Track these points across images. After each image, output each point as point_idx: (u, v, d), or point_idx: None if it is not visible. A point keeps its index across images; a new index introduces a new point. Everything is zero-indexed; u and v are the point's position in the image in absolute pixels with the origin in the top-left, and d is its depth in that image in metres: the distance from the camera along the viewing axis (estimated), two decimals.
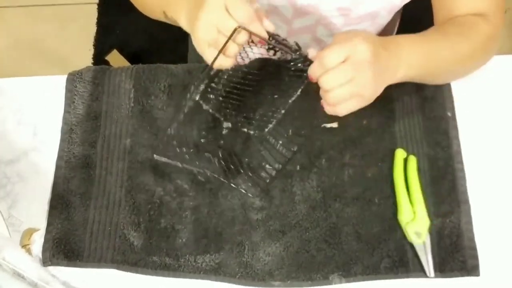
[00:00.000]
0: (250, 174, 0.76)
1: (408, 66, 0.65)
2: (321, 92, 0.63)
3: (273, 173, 0.76)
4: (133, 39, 1.69)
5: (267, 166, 0.77)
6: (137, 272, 0.74)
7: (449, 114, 0.81)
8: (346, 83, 0.59)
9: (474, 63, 0.74)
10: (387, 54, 0.62)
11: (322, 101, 0.65)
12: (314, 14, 0.82)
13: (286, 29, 0.86)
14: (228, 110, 0.80)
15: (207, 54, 0.63)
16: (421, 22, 0.81)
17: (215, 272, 0.73)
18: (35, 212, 0.78)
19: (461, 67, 0.75)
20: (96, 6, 1.84)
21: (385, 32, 0.92)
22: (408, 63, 0.65)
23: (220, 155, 0.78)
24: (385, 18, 0.84)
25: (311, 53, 0.63)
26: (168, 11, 0.71)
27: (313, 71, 0.61)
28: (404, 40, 0.65)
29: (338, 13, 0.81)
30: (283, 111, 0.73)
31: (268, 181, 0.76)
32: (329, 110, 0.64)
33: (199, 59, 1.08)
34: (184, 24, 0.69)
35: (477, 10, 0.73)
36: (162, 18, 0.75)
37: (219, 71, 0.79)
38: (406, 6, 0.86)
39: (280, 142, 0.78)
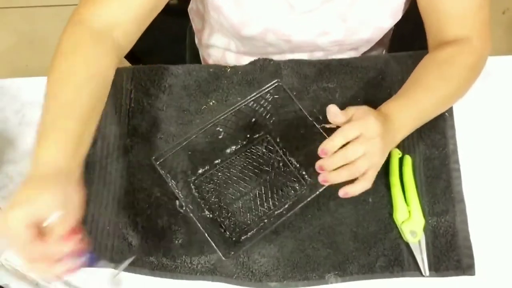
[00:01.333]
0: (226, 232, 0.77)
1: (403, 131, 0.70)
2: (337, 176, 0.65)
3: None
4: None
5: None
6: (134, 272, 0.74)
7: (447, 114, 0.82)
8: (363, 156, 0.63)
9: (462, 94, 0.77)
10: (388, 122, 0.67)
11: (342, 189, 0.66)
12: (309, 47, 0.85)
13: (281, 57, 0.88)
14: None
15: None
16: (419, 25, 0.82)
17: (212, 273, 0.74)
18: None
19: (448, 104, 0.78)
20: None
21: (379, 43, 0.94)
22: (402, 129, 0.70)
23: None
24: (377, 39, 0.87)
25: (333, 109, 0.65)
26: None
27: (335, 142, 0.63)
28: (392, 111, 0.69)
29: (332, 45, 0.84)
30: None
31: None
32: (350, 191, 0.66)
33: (197, 60, 1.10)
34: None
35: (463, 34, 0.75)
36: None
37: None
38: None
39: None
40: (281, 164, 0.80)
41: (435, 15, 0.76)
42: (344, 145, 0.63)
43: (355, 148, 0.63)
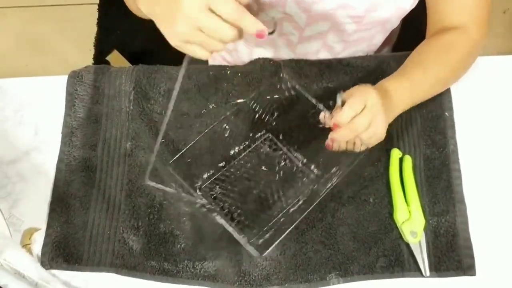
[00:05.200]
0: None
1: (400, 106, 0.75)
2: (346, 136, 0.69)
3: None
4: (134, 40, 1.69)
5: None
6: (135, 276, 0.74)
7: (447, 114, 0.82)
8: (369, 126, 0.68)
9: (456, 78, 0.82)
10: (386, 96, 0.72)
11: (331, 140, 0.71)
12: (326, 22, 0.83)
13: (298, 35, 0.87)
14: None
15: (186, 49, 0.60)
16: (421, 25, 0.82)
17: (213, 279, 0.73)
18: (36, 211, 0.78)
19: (445, 86, 0.81)
20: (96, 7, 1.84)
21: (389, 36, 0.93)
22: (400, 104, 0.74)
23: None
24: (394, 23, 0.86)
25: (341, 97, 0.69)
26: None
27: (345, 115, 0.67)
28: (391, 88, 0.73)
29: (351, 21, 0.82)
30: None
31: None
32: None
33: (199, 60, 1.10)
34: (144, 8, 0.63)
35: (462, 23, 0.78)
36: (138, 12, 0.68)
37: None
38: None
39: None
40: (287, 161, 0.79)
41: (439, 4, 0.79)
42: None
43: (362, 120, 0.67)
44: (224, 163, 0.80)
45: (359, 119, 0.67)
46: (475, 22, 0.78)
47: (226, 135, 0.78)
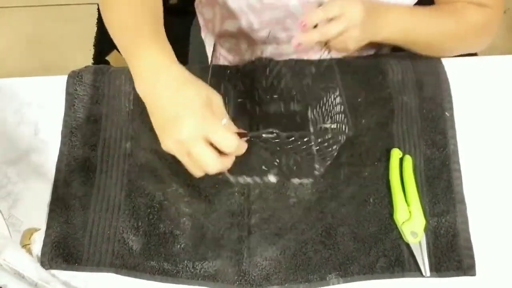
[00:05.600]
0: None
1: (392, 28, 0.70)
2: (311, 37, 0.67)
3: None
4: None
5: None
6: (135, 276, 0.74)
7: (447, 114, 0.82)
8: (339, 35, 0.66)
9: (463, 45, 0.77)
10: (375, 14, 0.68)
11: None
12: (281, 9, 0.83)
13: (257, 21, 0.87)
14: None
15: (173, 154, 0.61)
16: None
17: (213, 279, 0.73)
18: (36, 212, 0.78)
19: (448, 45, 0.77)
20: (96, 6, 1.84)
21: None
22: (393, 26, 0.70)
23: None
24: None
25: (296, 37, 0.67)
26: (126, 54, 0.63)
27: (315, 16, 0.65)
28: (395, 7, 0.70)
29: None
30: None
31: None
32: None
33: (200, 59, 1.10)
34: (140, 89, 0.62)
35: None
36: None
37: None
38: None
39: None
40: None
41: None
42: None
43: (334, 27, 0.65)
44: None
45: (331, 26, 0.64)
46: (490, 1, 0.76)
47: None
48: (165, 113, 0.57)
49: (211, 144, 0.58)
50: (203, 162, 0.57)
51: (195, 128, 0.56)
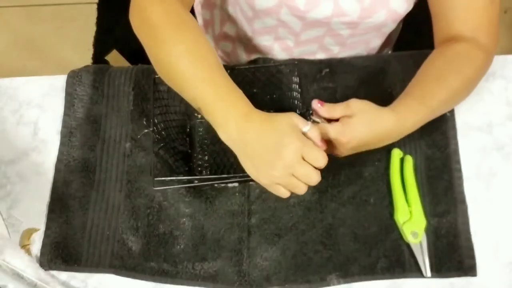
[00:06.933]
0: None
1: (414, 125, 0.72)
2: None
3: None
4: (133, 39, 1.69)
5: None
6: (135, 277, 0.74)
7: (448, 114, 0.82)
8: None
9: (470, 91, 0.77)
10: (390, 129, 0.70)
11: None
12: (322, 28, 0.83)
13: (294, 40, 0.87)
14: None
15: (277, 191, 0.66)
16: (422, 25, 0.81)
17: (213, 280, 0.73)
18: (35, 212, 0.78)
19: (459, 100, 0.78)
20: (95, 6, 1.84)
21: (388, 38, 0.93)
22: (414, 125, 0.72)
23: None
24: (390, 27, 0.86)
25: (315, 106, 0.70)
26: (203, 108, 0.66)
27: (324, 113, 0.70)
28: (405, 110, 0.71)
29: (345, 27, 0.82)
30: None
31: None
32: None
33: None
34: (225, 137, 0.66)
35: (470, 30, 0.75)
36: (189, 101, 0.69)
37: None
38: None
39: None
40: None
41: (444, 8, 0.76)
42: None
43: (332, 131, 0.68)
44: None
45: (330, 128, 0.68)
46: (485, 28, 0.75)
47: None
48: (263, 149, 0.63)
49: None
50: (309, 178, 0.64)
51: (296, 151, 0.62)
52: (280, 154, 0.62)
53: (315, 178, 0.64)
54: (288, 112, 0.65)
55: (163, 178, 0.75)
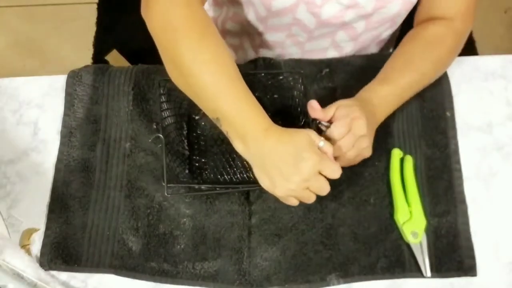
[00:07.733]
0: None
1: (384, 115, 0.76)
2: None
3: None
4: (133, 39, 1.69)
5: None
6: (135, 277, 0.73)
7: (448, 114, 0.82)
8: (352, 148, 0.70)
9: (441, 72, 0.82)
10: (371, 115, 0.72)
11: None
12: (336, 23, 0.84)
13: (307, 36, 0.87)
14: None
15: (291, 202, 0.68)
16: None
17: (213, 279, 0.73)
18: (35, 212, 0.78)
19: (429, 81, 0.80)
20: (95, 6, 1.84)
21: (390, 41, 0.93)
22: (384, 114, 0.76)
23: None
24: (403, 17, 0.87)
25: (313, 104, 0.70)
26: (222, 119, 0.67)
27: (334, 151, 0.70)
28: (376, 100, 0.74)
29: (360, 19, 0.82)
30: None
31: None
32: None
33: None
34: (241, 149, 0.67)
35: (449, 13, 0.79)
36: (205, 110, 0.70)
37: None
38: None
39: None
40: None
41: None
42: None
43: (346, 143, 0.69)
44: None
45: (342, 142, 0.69)
46: (462, 13, 0.79)
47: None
48: (281, 163, 0.64)
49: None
50: (322, 190, 0.66)
51: (314, 165, 0.64)
52: (298, 169, 0.63)
53: (327, 190, 0.66)
54: (304, 129, 0.66)
55: (175, 185, 0.76)
